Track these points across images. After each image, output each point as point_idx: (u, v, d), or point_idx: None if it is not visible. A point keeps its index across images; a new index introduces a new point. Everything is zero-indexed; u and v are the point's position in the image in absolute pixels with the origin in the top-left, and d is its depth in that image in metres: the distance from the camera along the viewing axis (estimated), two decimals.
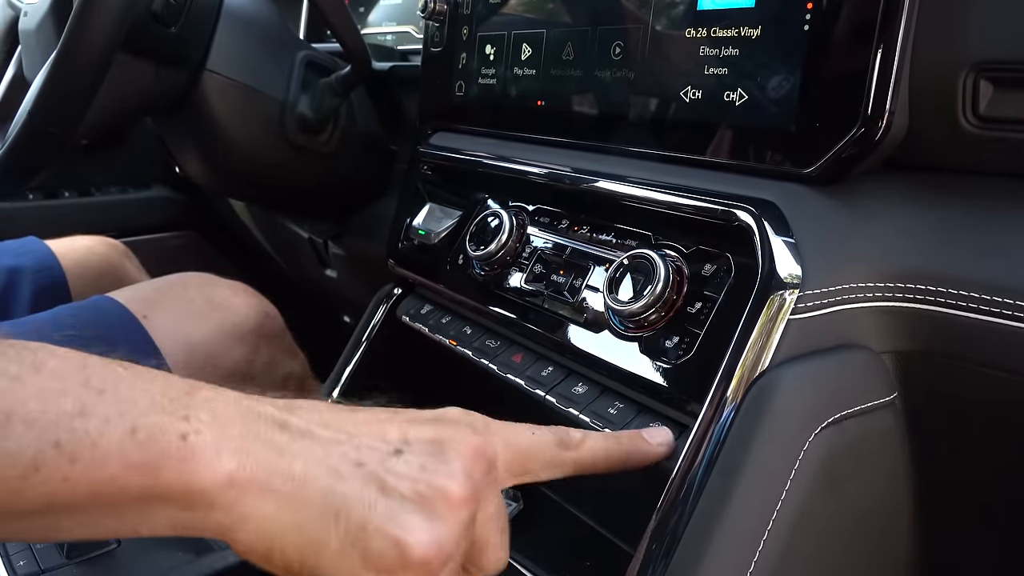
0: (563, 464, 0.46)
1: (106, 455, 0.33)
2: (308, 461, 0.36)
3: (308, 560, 0.36)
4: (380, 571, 0.36)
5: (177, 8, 0.89)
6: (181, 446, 0.34)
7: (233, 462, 0.34)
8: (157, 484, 0.33)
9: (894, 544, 0.55)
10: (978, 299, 0.47)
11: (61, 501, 0.33)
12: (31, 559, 0.54)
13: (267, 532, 0.35)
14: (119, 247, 1.26)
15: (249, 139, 0.99)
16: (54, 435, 0.32)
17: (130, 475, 0.33)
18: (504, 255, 0.69)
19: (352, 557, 0.36)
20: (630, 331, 0.56)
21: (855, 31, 0.48)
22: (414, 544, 0.36)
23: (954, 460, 0.53)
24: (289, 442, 0.37)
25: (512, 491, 0.77)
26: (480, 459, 0.40)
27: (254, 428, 0.36)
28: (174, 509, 0.34)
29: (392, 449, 0.39)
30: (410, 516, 0.37)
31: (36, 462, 0.32)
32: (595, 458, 0.47)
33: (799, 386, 0.47)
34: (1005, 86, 0.46)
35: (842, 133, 0.49)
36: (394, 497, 0.37)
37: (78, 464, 0.32)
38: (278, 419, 0.37)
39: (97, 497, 0.33)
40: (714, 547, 0.44)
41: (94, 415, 0.33)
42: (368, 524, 0.36)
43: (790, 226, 0.49)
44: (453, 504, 0.38)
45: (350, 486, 0.36)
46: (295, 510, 0.35)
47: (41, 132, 0.79)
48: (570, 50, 0.68)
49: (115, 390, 0.34)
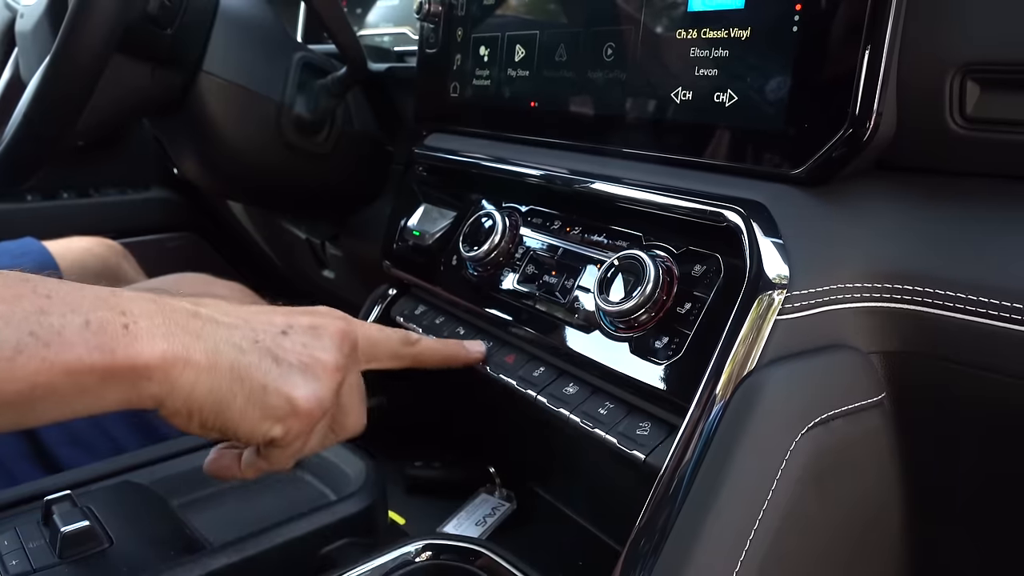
0: (404, 356, 0.60)
1: (71, 341, 0.41)
2: (218, 340, 0.46)
3: (220, 416, 0.46)
4: (275, 420, 0.48)
5: (173, 10, 0.89)
6: (125, 333, 0.43)
7: (164, 343, 0.44)
8: (113, 362, 0.42)
9: (882, 544, 0.55)
10: (966, 300, 0.47)
11: (43, 382, 0.40)
12: (23, 558, 0.54)
13: (189, 396, 0.45)
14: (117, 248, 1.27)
15: (245, 140, 0.99)
16: (27, 327, 0.40)
17: (92, 355, 0.41)
18: (497, 256, 0.69)
19: (253, 411, 0.47)
20: (620, 331, 0.56)
21: (843, 32, 0.48)
22: (300, 398, 0.48)
23: (942, 460, 0.53)
24: (201, 327, 0.46)
25: (506, 491, 0.78)
26: (346, 339, 0.53)
27: (173, 318, 0.45)
28: (123, 384, 0.43)
29: (280, 331, 0.50)
30: (297, 378, 0.48)
31: (19, 346, 0.39)
32: (427, 353, 0.63)
33: (787, 386, 0.47)
34: (992, 87, 0.46)
35: (830, 134, 0.49)
36: (284, 365, 0.48)
37: (51, 348, 0.40)
38: (190, 310, 0.47)
39: (70, 375, 0.41)
40: (701, 546, 0.44)
41: (52, 312, 0.41)
42: (267, 385, 0.47)
43: (778, 227, 0.50)
44: (328, 370, 0.50)
45: (250, 358, 0.47)
46: (210, 377, 0.45)
47: (37, 133, 0.79)
48: (563, 51, 0.68)
49: (59, 295, 0.42)
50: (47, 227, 1.28)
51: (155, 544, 0.58)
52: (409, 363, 0.61)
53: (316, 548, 0.60)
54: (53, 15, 0.87)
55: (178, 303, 0.47)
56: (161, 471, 0.68)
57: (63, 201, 1.52)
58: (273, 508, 0.66)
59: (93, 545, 0.56)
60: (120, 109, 0.94)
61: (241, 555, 0.56)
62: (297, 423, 0.49)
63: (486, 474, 0.79)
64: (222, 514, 0.66)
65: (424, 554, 0.58)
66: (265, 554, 0.57)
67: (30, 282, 0.42)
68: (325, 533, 0.60)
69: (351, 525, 0.62)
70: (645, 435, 0.53)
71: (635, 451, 0.53)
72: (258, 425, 0.47)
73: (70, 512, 0.57)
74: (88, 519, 0.57)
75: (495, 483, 0.78)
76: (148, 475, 0.67)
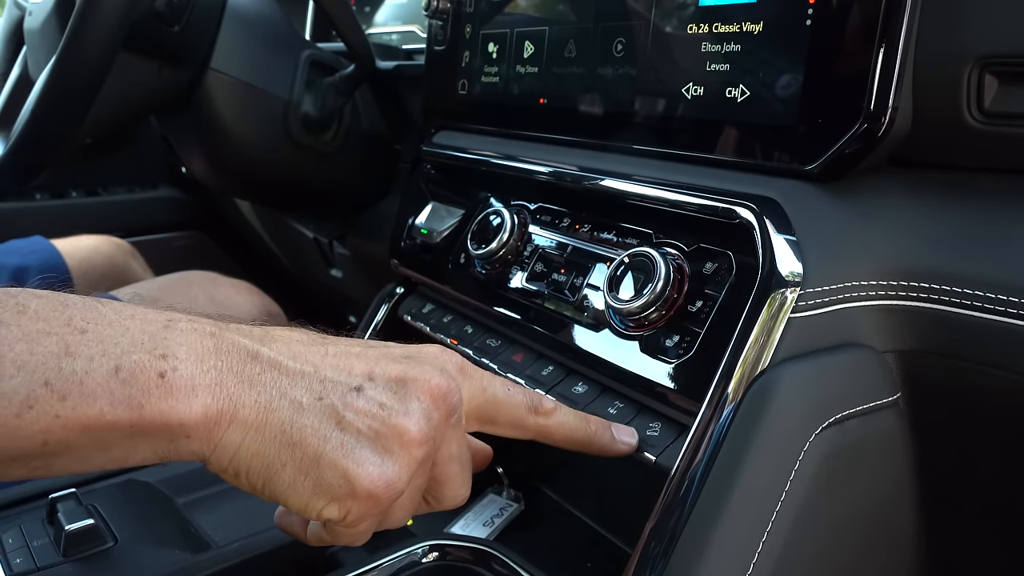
0: (528, 427, 0.48)
1: (93, 393, 0.35)
2: (273, 393, 0.39)
3: (268, 484, 0.39)
4: (330, 499, 0.39)
5: (180, 7, 0.89)
6: (160, 383, 0.36)
7: (208, 397, 0.37)
8: (141, 419, 0.36)
9: (897, 545, 0.54)
10: (983, 297, 0.47)
11: (55, 439, 0.35)
12: (28, 556, 0.54)
13: (235, 457, 0.38)
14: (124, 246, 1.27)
15: (253, 138, 0.99)
16: (43, 375, 0.34)
17: (116, 411, 0.35)
18: (505, 254, 0.68)
19: (305, 484, 0.39)
20: (630, 330, 0.55)
21: (858, 26, 0.48)
22: (363, 477, 0.39)
23: (957, 460, 0.52)
24: (259, 373, 0.39)
25: (514, 492, 0.77)
26: (441, 402, 0.42)
27: (227, 361, 0.38)
28: (157, 441, 0.37)
29: (355, 385, 0.40)
30: (362, 451, 0.39)
31: (29, 400, 0.34)
32: (560, 431, 0.49)
33: (800, 385, 0.46)
34: (1010, 80, 0.46)
35: (844, 129, 0.48)
36: (349, 432, 0.39)
37: (68, 401, 0.34)
38: (250, 350, 0.39)
39: (88, 432, 0.35)
40: (712, 547, 0.43)
41: (79, 355, 0.35)
42: (322, 456, 0.39)
43: (792, 223, 0.49)
44: (407, 443, 0.40)
45: (308, 419, 0.39)
46: (258, 438, 0.38)
47: (44, 131, 0.79)
48: (572, 47, 0.68)
49: (96, 329, 0.36)
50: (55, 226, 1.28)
51: (160, 543, 0.58)
52: (533, 436, 0.49)
53: (322, 548, 0.60)
54: (61, 13, 0.87)
55: (240, 339, 0.40)
56: (167, 469, 0.68)
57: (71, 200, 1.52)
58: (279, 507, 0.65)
59: (97, 543, 0.56)
60: (127, 107, 0.94)
61: (247, 554, 0.56)
62: (358, 507, 0.40)
63: (494, 474, 0.78)
64: (227, 513, 0.65)
65: (431, 554, 0.57)
66: (271, 553, 0.57)
67: (68, 310, 0.37)
68: None
69: None
70: (655, 435, 0.53)
71: (645, 452, 0.52)
72: (311, 502, 0.39)
73: (75, 510, 0.57)
74: (93, 517, 0.56)
75: (503, 483, 0.78)
76: (154, 473, 0.67)
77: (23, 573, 0.53)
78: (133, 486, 0.65)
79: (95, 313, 0.37)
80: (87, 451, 0.36)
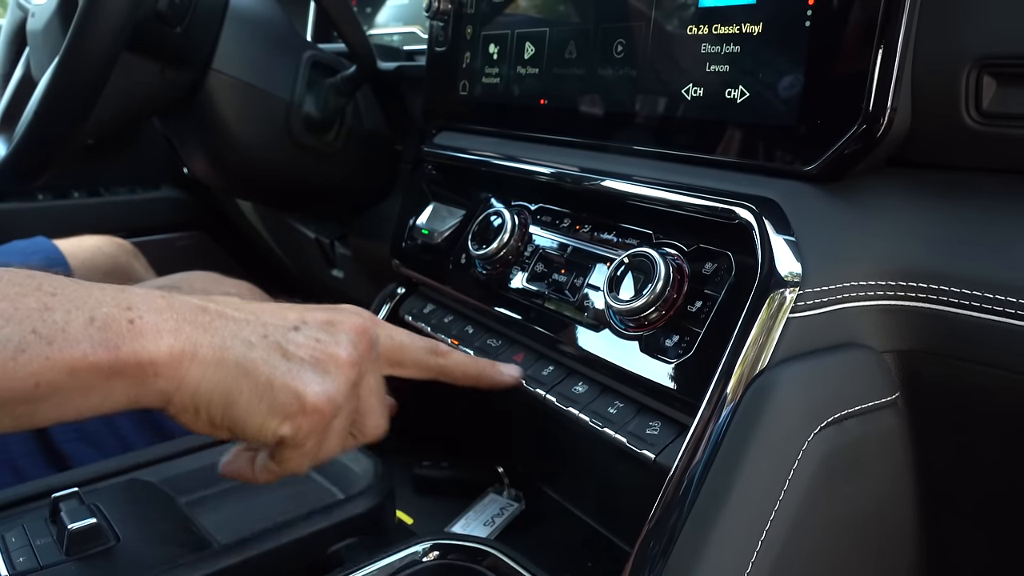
0: (430, 367, 0.58)
1: (75, 338, 0.40)
2: (225, 335, 0.45)
3: (227, 412, 0.45)
4: (283, 417, 0.46)
5: (182, 8, 0.89)
6: (131, 328, 0.42)
7: (171, 338, 0.43)
8: (118, 359, 0.41)
9: (895, 545, 0.54)
10: (982, 298, 0.47)
11: (46, 381, 0.39)
12: (31, 555, 0.54)
13: (196, 392, 0.44)
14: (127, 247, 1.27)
15: (255, 139, 0.99)
16: (30, 325, 0.39)
17: (97, 352, 0.40)
18: (506, 254, 0.69)
19: (260, 406, 0.45)
20: (630, 330, 0.56)
21: (857, 27, 0.48)
22: (310, 394, 0.46)
23: (956, 460, 0.52)
24: (210, 321, 0.45)
25: (514, 492, 0.77)
26: (364, 336, 0.50)
27: (181, 312, 0.44)
28: (129, 382, 0.42)
29: (292, 325, 0.48)
30: (307, 374, 0.46)
31: (21, 345, 0.39)
32: (456, 369, 0.59)
33: (798, 385, 0.46)
34: (1009, 81, 0.46)
35: (844, 130, 0.48)
36: (294, 360, 0.47)
37: (55, 345, 0.39)
38: (199, 305, 0.46)
39: (73, 374, 0.40)
40: (711, 547, 0.43)
41: (56, 310, 0.40)
42: (273, 380, 0.45)
43: (791, 224, 0.49)
44: (341, 365, 0.48)
45: (258, 352, 0.46)
46: (217, 372, 0.44)
47: (46, 131, 0.80)
48: (572, 48, 0.68)
49: (64, 292, 0.41)
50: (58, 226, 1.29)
51: (162, 542, 0.58)
52: (435, 375, 0.58)
53: (323, 547, 0.60)
54: (63, 14, 0.87)
55: (187, 298, 0.46)
56: (169, 469, 0.68)
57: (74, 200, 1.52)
58: (281, 507, 0.66)
59: (100, 542, 0.56)
60: (130, 107, 0.94)
61: (248, 554, 0.56)
62: (307, 421, 0.46)
63: (495, 474, 0.79)
64: (229, 512, 0.65)
65: (432, 554, 0.57)
66: (272, 553, 0.57)
67: (35, 279, 0.42)
68: (332, 532, 0.60)
69: (358, 524, 0.62)
70: (655, 435, 0.53)
71: (645, 451, 0.52)
72: (266, 422, 0.46)
73: (77, 509, 0.57)
74: (95, 516, 0.57)
75: (504, 483, 0.78)
76: (156, 473, 0.67)
77: (26, 572, 0.53)
78: (136, 486, 0.65)
79: (59, 281, 0.42)
80: (71, 395, 0.41)
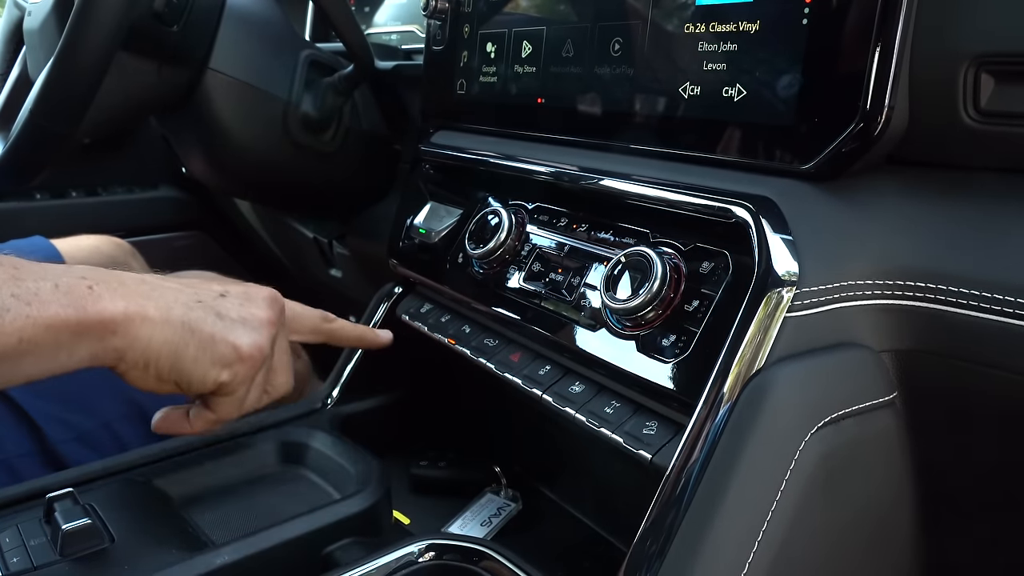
0: (321, 331, 0.68)
1: (48, 301, 0.47)
2: (167, 299, 0.53)
3: (175, 364, 0.53)
4: (223, 366, 0.55)
5: (179, 7, 0.89)
6: (90, 293, 0.49)
7: (123, 301, 0.50)
8: (85, 317, 0.48)
9: (892, 545, 0.54)
10: (979, 297, 0.47)
11: (28, 336, 0.46)
12: (24, 556, 0.54)
13: (147, 348, 0.51)
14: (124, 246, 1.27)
15: (252, 138, 0.99)
16: (8, 290, 0.46)
17: (67, 312, 0.47)
18: (503, 253, 0.68)
19: (204, 357, 0.54)
20: (627, 329, 0.55)
21: (854, 25, 0.48)
22: (244, 345, 0.55)
23: (954, 460, 0.52)
24: (151, 290, 0.53)
25: (511, 492, 0.77)
26: (275, 302, 0.60)
27: (126, 283, 0.52)
28: (92, 339, 0.49)
29: (218, 293, 0.57)
30: (239, 329, 0.56)
31: (5, 306, 0.45)
32: (342, 332, 0.70)
33: (795, 384, 0.46)
34: (1007, 79, 0.45)
35: (841, 128, 0.48)
36: (226, 319, 0.55)
37: (32, 307, 0.46)
38: (138, 277, 0.54)
39: (50, 330, 0.47)
40: (708, 547, 0.43)
41: (26, 279, 0.47)
42: (214, 334, 0.54)
43: (788, 223, 0.49)
44: (263, 323, 0.57)
45: (197, 313, 0.54)
46: (165, 329, 0.52)
47: (42, 130, 0.79)
48: (570, 47, 0.68)
49: (25, 268, 0.48)
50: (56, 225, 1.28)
51: (157, 542, 0.57)
52: (324, 338, 0.69)
53: (319, 547, 0.60)
54: (60, 13, 0.87)
55: (125, 273, 0.54)
56: (164, 469, 0.68)
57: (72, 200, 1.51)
58: (276, 506, 0.65)
59: (94, 543, 0.56)
60: (127, 106, 0.94)
61: (243, 553, 0.56)
62: (242, 368, 0.55)
63: (492, 474, 0.78)
64: (224, 512, 0.65)
65: (428, 554, 0.57)
66: (267, 552, 0.57)
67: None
68: (328, 532, 0.60)
69: (354, 524, 0.61)
70: (652, 434, 0.53)
71: (641, 450, 0.52)
72: (209, 371, 0.54)
73: (72, 510, 0.57)
74: (90, 517, 0.56)
75: (501, 483, 0.78)
76: (151, 473, 0.67)
77: (20, 572, 0.53)
78: (130, 486, 0.65)
79: (16, 260, 0.48)
80: (46, 351, 0.47)
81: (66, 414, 0.83)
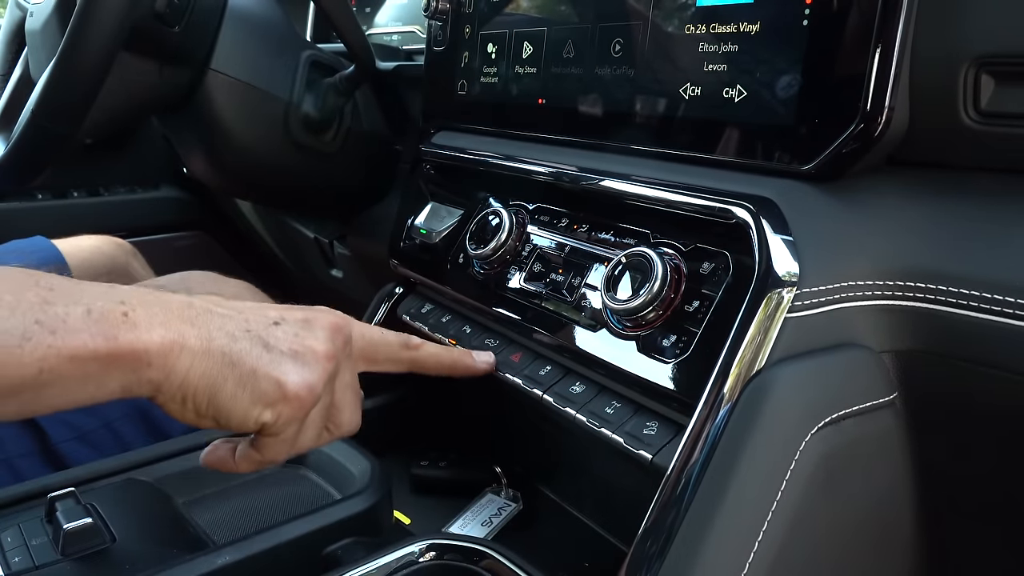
0: (403, 360, 0.60)
1: (76, 328, 0.42)
2: (211, 328, 0.47)
3: (213, 400, 0.47)
4: (265, 405, 0.48)
5: (180, 8, 0.89)
6: (125, 320, 0.44)
7: (162, 330, 0.45)
8: (116, 348, 0.43)
9: (893, 545, 0.54)
10: (980, 297, 0.47)
11: (49, 367, 0.41)
12: (26, 555, 0.54)
13: (184, 381, 0.46)
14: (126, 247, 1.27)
15: (253, 138, 0.99)
16: (33, 316, 0.41)
17: (96, 342, 0.42)
18: (504, 254, 0.69)
19: (244, 395, 0.48)
20: (628, 330, 0.55)
21: (854, 26, 0.48)
22: (291, 383, 0.49)
23: (956, 461, 0.52)
24: (196, 315, 0.47)
25: (512, 492, 0.77)
26: (339, 332, 0.53)
27: (169, 308, 0.47)
28: (124, 371, 0.44)
29: (272, 321, 0.51)
30: (287, 364, 0.49)
31: (27, 334, 0.41)
32: (429, 360, 0.62)
33: (796, 385, 0.46)
34: (1007, 80, 0.45)
35: (841, 129, 0.48)
36: (275, 352, 0.49)
37: (57, 335, 0.41)
38: (185, 301, 0.48)
39: (74, 361, 0.42)
40: (708, 547, 0.43)
41: (56, 303, 0.42)
42: (257, 369, 0.48)
43: (788, 224, 0.49)
44: (319, 357, 0.50)
45: (241, 344, 0.48)
46: (204, 362, 0.46)
47: (44, 130, 0.79)
48: (571, 48, 0.68)
49: (60, 287, 0.44)
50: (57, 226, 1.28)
51: (158, 542, 0.58)
52: (407, 368, 0.61)
53: (320, 547, 0.60)
54: (61, 13, 0.87)
55: (173, 295, 0.48)
56: (165, 469, 0.68)
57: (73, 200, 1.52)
58: (277, 506, 0.66)
59: (96, 542, 0.56)
60: (128, 107, 0.94)
61: (244, 553, 0.56)
62: (288, 409, 0.49)
63: (492, 474, 0.78)
64: (226, 512, 0.65)
65: (428, 554, 0.57)
66: (269, 552, 0.57)
67: (32, 276, 0.44)
68: (329, 532, 0.60)
69: (355, 524, 0.61)
70: (652, 435, 0.53)
71: (642, 451, 0.52)
72: (249, 409, 0.48)
73: (73, 509, 0.57)
74: (91, 516, 0.56)
75: (501, 483, 0.78)
76: (152, 472, 0.67)
77: (22, 571, 0.53)
78: (132, 485, 0.65)
79: (54, 279, 0.44)
80: (71, 383, 0.43)
81: (68, 414, 0.83)
